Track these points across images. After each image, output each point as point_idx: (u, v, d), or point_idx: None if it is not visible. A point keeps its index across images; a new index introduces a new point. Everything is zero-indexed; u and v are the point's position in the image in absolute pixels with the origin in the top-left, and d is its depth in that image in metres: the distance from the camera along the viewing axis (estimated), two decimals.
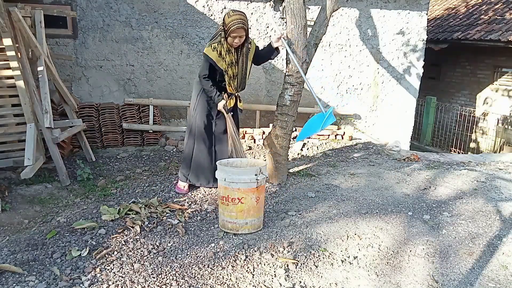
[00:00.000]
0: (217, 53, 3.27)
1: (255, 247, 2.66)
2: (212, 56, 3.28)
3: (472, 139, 8.88)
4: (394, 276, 2.40)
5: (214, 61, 3.29)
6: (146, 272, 2.37)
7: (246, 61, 3.45)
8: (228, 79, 3.40)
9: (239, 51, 3.38)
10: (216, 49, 3.27)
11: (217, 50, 3.27)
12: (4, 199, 3.43)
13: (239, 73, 3.44)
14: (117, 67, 5.65)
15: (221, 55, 3.28)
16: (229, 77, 3.38)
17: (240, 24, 3.16)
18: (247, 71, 3.51)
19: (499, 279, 2.39)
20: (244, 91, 3.81)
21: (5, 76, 3.90)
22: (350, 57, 6.23)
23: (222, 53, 3.28)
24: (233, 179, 2.78)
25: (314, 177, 4.07)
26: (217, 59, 3.29)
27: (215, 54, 3.27)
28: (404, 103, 6.52)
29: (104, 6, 5.44)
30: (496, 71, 8.72)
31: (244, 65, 3.44)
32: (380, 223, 3.03)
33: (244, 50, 3.38)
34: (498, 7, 9.04)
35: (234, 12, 3.21)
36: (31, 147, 3.67)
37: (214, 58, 3.28)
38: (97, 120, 5.12)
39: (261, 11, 5.82)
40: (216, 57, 3.28)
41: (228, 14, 3.21)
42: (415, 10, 6.21)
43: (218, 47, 3.27)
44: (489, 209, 3.28)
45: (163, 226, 2.96)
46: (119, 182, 4.03)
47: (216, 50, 3.27)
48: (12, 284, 2.23)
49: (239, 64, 3.40)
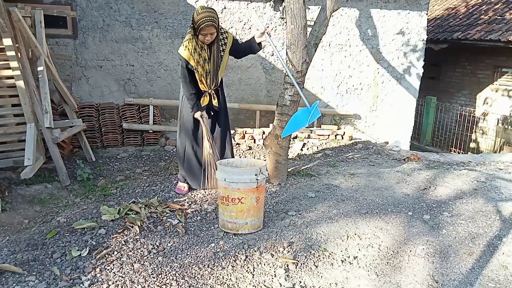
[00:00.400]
0: (188, 51, 3.22)
1: (255, 247, 2.66)
2: (184, 55, 3.24)
3: (472, 139, 8.88)
4: (394, 276, 2.40)
5: (186, 60, 3.25)
6: (146, 272, 2.37)
7: (219, 57, 3.37)
8: (199, 76, 3.33)
9: (212, 47, 3.30)
10: (188, 47, 3.22)
11: (188, 48, 3.22)
12: (4, 199, 3.43)
13: (211, 70, 3.36)
14: (117, 67, 5.65)
15: (193, 52, 3.23)
16: (199, 74, 3.32)
17: (209, 22, 3.09)
18: (219, 67, 3.42)
19: (499, 279, 2.39)
20: (244, 91, 3.81)
21: (5, 76, 3.90)
22: (350, 57, 6.23)
23: (195, 50, 3.23)
24: (233, 179, 2.78)
25: (314, 177, 4.07)
26: (188, 57, 3.24)
27: (186, 53, 3.23)
28: (404, 103, 6.52)
29: (104, 6, 5.44)
30: (496, 71, 8.72)
31: (217, 60, 3.36)
32: (380, 223, 3.03)
33: (215, 46, 3.30)
34: (498, 7, 9.04)
35: (203, 9, 3.13)
36: (31, 147, 3.67)
37: (186, 57, 3.24)
38: (97, 120, 5.12)
39: (261, 11, 5.82)
40: (188, 55, 3.23)
41: (197, 12, 3.13)
42: (415, 10, 6.21)
43: (190, 45, 3.22)
44: (489, 209, 3.28)
45: (163, 226, 2.96)
46: (119, 182, 4.03)
47: (188, 48, 3.22)
48: (12, 284, 2.23)
49: (211, 61, 3.32)
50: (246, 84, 6.05)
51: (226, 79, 5.96)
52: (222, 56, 3.42)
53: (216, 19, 3.18)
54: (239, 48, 3.53)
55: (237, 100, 6.03)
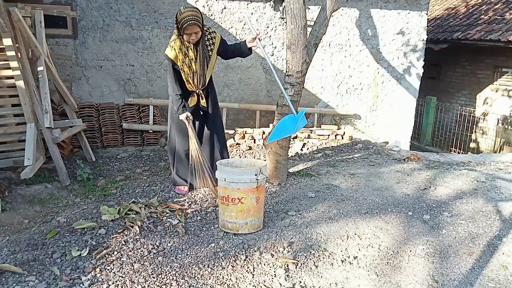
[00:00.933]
0: (174, 52, 3.21)
1: (255, 247, 2.66)
2: (171, 56, 3.23)
3: (472, 139, 8.88)
4: (394, 276, 2.40)
5: (172, 61, 3.24)
6: (146, 272, 2.37)
7: (206, 57, 3.34)
8: (186, 76, 3.30)
9: (198, 47, 3.26)
10: (174, 47, 3.21)
11: (174, 48, 3.21)
12: (4, 199, 3.44)
13: (198, 70, 3.31)
14: (117, 67, 5.65)
15: (178, 52, 3.21)
16: (186, 74, 3.29)
17: (192, 21, 3.06)
18: (207, 67, 3.38)
19: (499, 279, 2.39)
20: (244, 91, 3.81)
21: (5, 76, 3.90)
22: (350, 57, 6.23)
23: (180, 50, 3.21)
24: (233, 179, 2.78)
25: (314, 177, 4.07)
26: (174, 57, 3.23)
27: (173, 53, 3.22)
28: (404, 103, 6.52)
29: (104, 6, 5.44)
30: (496, 71, 8.72)
31: (204, 60, 3.33)
32: (380, 223, 3.03)
33: (201, 46, 3.26)
34: (498, 7, 9.04)
35: (186, 9, 3.10)
36: (31, 147, 3.67)
37: (172, 57, 3.23)
38: (97, 120, 5.12)
39: (261, 11, 5.82)
40: (174, 55, 3.22)
41: (180, 11, 3.11)
42: (415, 10, 6.21)
43: (175, 46, 3.20)
44: (489, 209, 3.28)
45: (163, 226, 2.96)
46: (119, 182, 4.03)
47: (174, 48, 3.21)
48: (12, 284, 2.23)
49: (198, 60, 3.28)
50: (246, 84, 6.05)
51: (226, 79, 5.97)
52: (210, 56, 3.39)
53: (200, 18, 3.15)
54: (228, 48, 3.48)
55: (237, 100, 6.04)
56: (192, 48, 3.24)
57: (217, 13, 5.68)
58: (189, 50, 3.23)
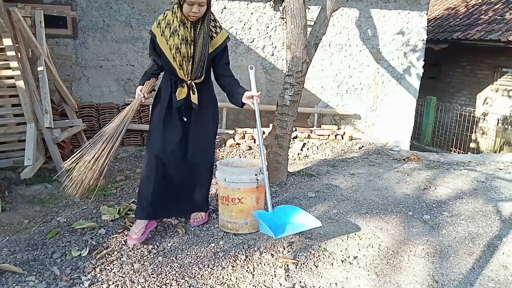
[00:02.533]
0: (157, 23, 2.54)
1: (255, 247, 2.66)
2: (152, 28, 2.57)
3: (472, 139, 8.88)
4: (394, 276, 2.40)
5: (153, 34, 2.55)
6: (146, 272, 2.37)
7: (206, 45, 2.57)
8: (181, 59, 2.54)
9: (198, 27, 2.53)
10: (158, 19, 2.54)
11: (159, 21, 2.53)
12: (4, 199, 3.43)
13: (197, 55, 2.56)
14: (117, 67, 5.65)
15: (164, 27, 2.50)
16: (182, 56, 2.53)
17: None
18: (205, 57, 2.60)
19: (499, 279, 2.39)
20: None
21: (5, 76, 3.90)
22: (350, 57, 6.23)
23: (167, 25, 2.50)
24: (233, 179, 2.77)
25: (314, 177, 4.07)
26: (155, 30, 2.54)
27: (154, 26, 2.56)
28: (404, 103, 6.52)
29: (104, 6, 5.44)
30: (496, 71, 8.72)
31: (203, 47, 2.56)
32: (380, 223, 3.03)
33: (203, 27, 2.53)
34: (498, 7, 9.05)
35: None
36: (31, 147, 3.67)
37: (153, 29, 2.55)
38: (97, 120, 5.12)
39: (261, 11, 5.82)
40: (154, 28, 2.55)
41: None
42: (415, 10, 6.21)
43: (163, 19, 2.51)
44: (489, 209, 3.28)
45: (163, 226, 2.96)
46: (119, 182, 4.03)
47: (159, 21, 2.53)
48: (12, 284, 2.23)
49: (197, 44, 2.54)
50: (246, 84, 6.03)
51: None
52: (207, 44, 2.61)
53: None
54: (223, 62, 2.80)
55: None
56: (188, 27, 2.49)
57: (217, 13, 5.68)
58: (184, 28, 2.48)
